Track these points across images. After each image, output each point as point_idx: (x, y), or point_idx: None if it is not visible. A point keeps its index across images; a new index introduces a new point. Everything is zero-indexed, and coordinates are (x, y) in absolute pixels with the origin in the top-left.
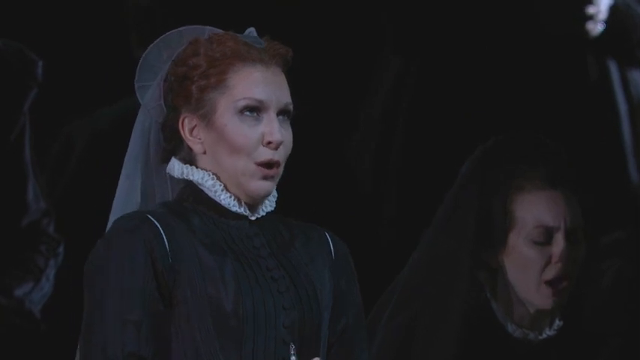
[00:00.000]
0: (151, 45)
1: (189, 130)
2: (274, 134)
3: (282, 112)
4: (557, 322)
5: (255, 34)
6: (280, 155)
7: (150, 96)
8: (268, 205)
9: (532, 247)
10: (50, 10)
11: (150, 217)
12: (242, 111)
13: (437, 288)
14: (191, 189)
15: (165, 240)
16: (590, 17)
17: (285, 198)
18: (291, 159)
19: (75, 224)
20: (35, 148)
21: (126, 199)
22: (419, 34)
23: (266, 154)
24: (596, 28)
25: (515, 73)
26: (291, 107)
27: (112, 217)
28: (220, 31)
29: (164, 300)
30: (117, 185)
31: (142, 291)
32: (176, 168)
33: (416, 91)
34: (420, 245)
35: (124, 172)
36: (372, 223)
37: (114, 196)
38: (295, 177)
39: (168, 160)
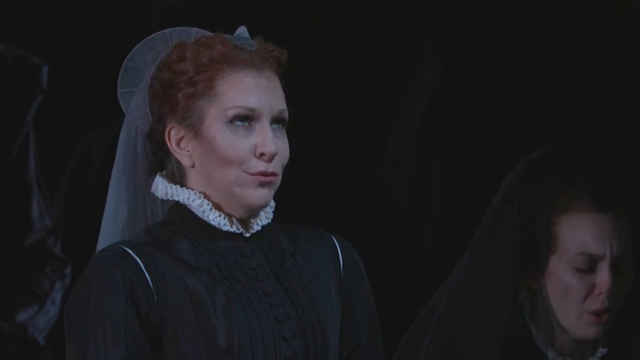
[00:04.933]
0: (135, 48)
1: (177, 141)
2: (267, 145)
3: (276, 121)
4: (602, 350)
5: (246, 33)
6: (276, 167)
7: (135, 104)
8: (264, 218)
9: (574, 274)
10: (56, 11)
11: (130, 251)
12: (232, 120)
13: (475, 310)
14: (178, 209)
15: (148, 276)
16: None
17: (316, 213)
18: (319, 173)
19: (87, 243)
20: (43, 161)
21: (113, 219)
22: (466, 41)
23: (259, 165)
24: None
25: (572, 82)
26: (286, 115)
27: (100, 240)
28: (208, 32)
29: (151, 341)
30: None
31: (125, 334)
32: (160, 188)
33: (459, 102)
34: (459, 265)
35: (110, 189)
36: (408, 243)
37: None
38: (326, 192)
39: (155, 173)
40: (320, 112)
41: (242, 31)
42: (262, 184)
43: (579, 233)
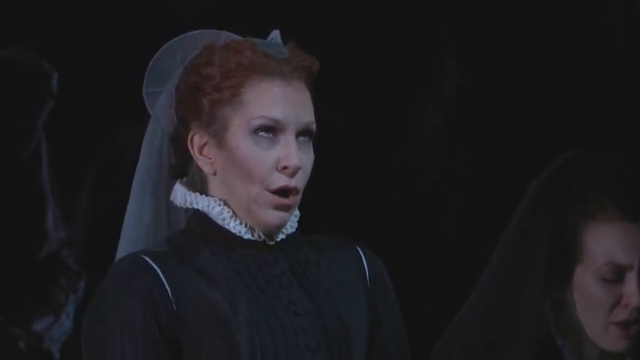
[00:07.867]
0: (163, 47)
1: (199, 148)
2: (291, 159)
3: (302, 133)
4: None
5: (279, 38)
6: (298, 182)
7: (160, 104)
8: (289, 227)
9: (600, 284)
10: (67, 17)
11: (149, 261)
12: (256, 131)
13: (503, 317)
14: (199, 217)
15: (167, 286)
16: None
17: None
18: (341, 173)
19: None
20: (55, 170)
21: (136, 225)
22: (482, 41)
23: (281, 180)
24: None
25: (578, 84)
26: (313, 127)
27: (120, 248)
28: (238, 37)
29: (170, 351)
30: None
31: (143, 343)
32: (179, 196)
33: (474, 107)
34: (488, 270)
35: (132, 193)
36: (420, 248)
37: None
38: (335, 200)
39: (176, 178)
40: (332, 115)
41: (275, 35)
42: (280, 207)
43: (606, 242)
